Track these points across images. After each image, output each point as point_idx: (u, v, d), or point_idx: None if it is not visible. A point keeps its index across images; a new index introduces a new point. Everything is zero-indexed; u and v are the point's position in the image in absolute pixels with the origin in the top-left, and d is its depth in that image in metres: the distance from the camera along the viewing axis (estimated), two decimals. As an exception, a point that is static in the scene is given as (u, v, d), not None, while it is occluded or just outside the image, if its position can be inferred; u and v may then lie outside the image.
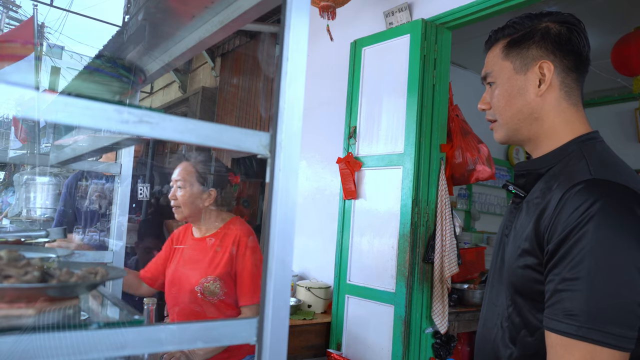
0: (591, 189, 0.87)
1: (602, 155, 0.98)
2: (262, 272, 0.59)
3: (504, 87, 1.07)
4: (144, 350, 0.51)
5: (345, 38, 3.23)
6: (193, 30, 0.93)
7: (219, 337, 0.56)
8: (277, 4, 0.69)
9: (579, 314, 0.82)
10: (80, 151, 0.82)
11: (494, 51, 1.10)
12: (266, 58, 4.78)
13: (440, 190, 2.65)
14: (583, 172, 0.91)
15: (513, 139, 1.10)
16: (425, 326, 2.59)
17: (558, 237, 0.87)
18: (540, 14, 1.07)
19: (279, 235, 0.59)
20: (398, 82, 2.77)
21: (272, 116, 0.62)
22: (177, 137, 0.55)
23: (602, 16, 3.75)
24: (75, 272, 0.57)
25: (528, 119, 1.05)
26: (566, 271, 0.85)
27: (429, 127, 2.69)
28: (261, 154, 0.61)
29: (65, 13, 5.02)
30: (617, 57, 3.52)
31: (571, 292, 0.83)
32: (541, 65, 1.03)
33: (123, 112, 0.51)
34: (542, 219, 0.92)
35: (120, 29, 1.01)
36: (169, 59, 1.05)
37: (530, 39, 1.04)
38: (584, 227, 0.83)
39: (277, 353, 0.57)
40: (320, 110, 3.54)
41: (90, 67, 0.63)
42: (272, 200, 0.59)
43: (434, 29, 2.74)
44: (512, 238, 1.04)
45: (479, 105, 1.15)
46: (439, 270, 2.55)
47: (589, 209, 0.84)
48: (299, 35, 0.62)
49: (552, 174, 1.00)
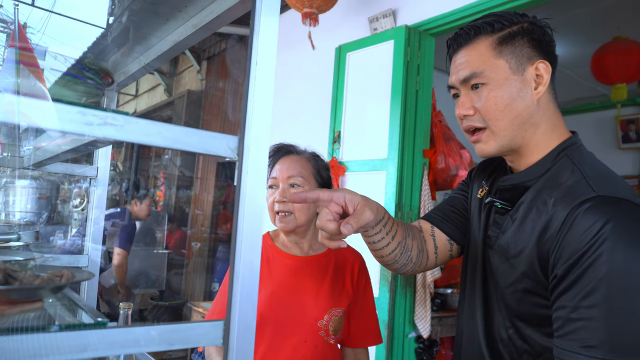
0: (599, 207, 0.81)
1: (593, 165, 0.92)
2: (229, 274, 0.59)
3: (500, 90, 0.94)
4: (106, 352, 0.51)
5: (330, 43, 3.25)
6: (168, 33, 0.93)
7: (185, 340, 0.56)
8: (248, 10, 0.70)
9: (599, 346, 0.76)
10: (52, 152, 0.82)
11: (477, 49, 0.97)
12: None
13: (423, 195, 2.67)
14: (584, 187, 0.85)
15: (505, 149, 0.98)
16: (408, 331, 2.60)
17: (568, 260, 0.81)
18: (521, 14, 0.99)
19: (246, 237, 0.59)
20: (382, 87, 2.79)
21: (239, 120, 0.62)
22: (143, 140, 0.55)
23: (582, 26, 3.82)
24: (40, 275, 0.57)
25: (525, 124, 0.96)
26: (579, 298, 0.78)
27: (412, 132, 2.70)
28: (229, 157, 0.61)
29: (48, 13, 4.94)
30: (596, 65, 3.59)
31: (587, 322, 0.77)
32: (538, 65, 0.95)
33: (87, 114, 0.51)
34: (543, 239, 0.86)
35: (104, 31, 1.01)
36: (147, 61, 1.05)
37: (522, 37, 0.96)
38: (597, 250, 0.78)
39: (243, 355, 0.57)
40: (305, 115, 3.55)
41: (62, 71, 0.63)
42: (239, 203, 0.59)
43: (418, 35, 2.77)
44: (499, 254, 0.98)
45: (458, 111, 1.00)
46: (421, 275, 2.56)
47: (600, 230, 0.78)
48: (268, 39, 0.63)
49: (541, 186, 0.94)
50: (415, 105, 2.73)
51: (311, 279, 1.48)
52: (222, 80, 5.40)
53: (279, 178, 1.48)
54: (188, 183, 5.91)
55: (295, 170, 1.47)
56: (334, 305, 1.44)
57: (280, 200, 1.45)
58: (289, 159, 1.51)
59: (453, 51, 1.03)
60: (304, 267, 1.49)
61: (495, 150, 0.98)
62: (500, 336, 0.97)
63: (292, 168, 1.48)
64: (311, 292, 1.45)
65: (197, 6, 0.79)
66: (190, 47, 5.18)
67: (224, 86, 5.36)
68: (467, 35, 0.99)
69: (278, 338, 1.40)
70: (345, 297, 1.48)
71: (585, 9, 3.54)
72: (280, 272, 1.48)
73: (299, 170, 1.48)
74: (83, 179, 3.21)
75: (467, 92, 0.99)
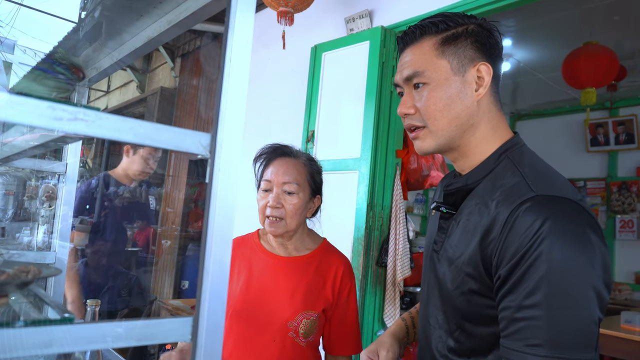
0: (538, 207, 0.82)
1: (533, 165, 0.93)
2: (199, 271, 0.59)
3: (440, 90, 0.96)
4: (73, 348, 0.51)
5: (306, 43, 3.26)
6: (142, 29, 0.92)
7: (153, 335, 0.56)
8: (223, 7, 0.70)
9: (542, 344, 0.78)
10: (20, 148, 0.80)
11: (421, 48, 0.99)
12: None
13: (395, 195, 2.70)
14: (523, 188, 0.87)
15: (443, 148, 1.00)
16: (377, 329, 2.63)
17: (509, 261, 0.82)
18: (469, 15, 1.00)
19: (216, 235, 0.59)
20: (357, 87, 2.81)
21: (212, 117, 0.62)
22: (115, 136, 0.55)
23: (555, 31, 3.92)
24: (5, 271, 0.56)
25: (464, 125, 0.97)
26: (522, 298, 0.80)
27: (386, 132, 2.73)
28: (201, 154, 0.61)
29: (18, 6, 4.81)
30: (567, 70, 3.68)
31: (530, 321, 0.79)
32: (479, 67, 0.96)
33: (57, 109, 0.51)
34: (486, 241, 0.87)
35: (75, 25, 1.00)
36: (119, 56, 1.04)
37: (466, 39, 0.97)
38: (536, 249, 0.79)
39: (211, 352, 0.58)
40: (279, 114, 3.55)
41: (32, 65, 0.62)
42: (211, 200, 0.59)
43: (393, 37, 2.80)
44: (445, 258, 0.99)
45: (400, 109, 1.02)
46: (391, 274, 2.59)
47: (539, 230, 0.80)
48: (243, 37, 0.63)
49: (483, 188, 0.95)
50: (389, 106, 2.76)
51: (289, 280, 1.47)
52: (195, 78, 5.35)
53: (274, 182, 1.46)
54: (159, 180, 5.83)
55: (291, 176, 1.46)
56: (307, 308, 1.43)
57: (273, 206, 1.44)
58: (285, 162, 1.49)
59: (400, 49, 1.04)
60: (284, 268, 1.49)
61: (432, 147, 1.00)
62: (446, 338, 0.99)
63: (288, 173, 1.46)
64: (286, 293, 1.44)
65: (172, 3, 0.78)
66: (164, 44, 5.12)
67: (197, 84, 5.31)
68: (413, 35, 1.00)
69: (248, 334, 1.42)
70: (322, 302, 1.46)
71: (558, 15, 3.64)
72: (261, 270, 1.49)
73: (294, 177, 1.46)
74: (51, 175, 3.12)
75: (409, 91, 1.01)
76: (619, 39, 3.85)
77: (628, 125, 5.09)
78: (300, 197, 1.46)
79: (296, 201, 1.45)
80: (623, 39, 3.84)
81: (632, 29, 3.70)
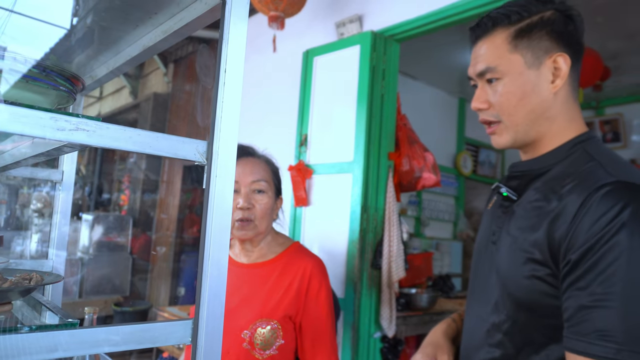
0: (618, 192, 0.77)
1: (610, 155, 0.89)
2: (198, 274, 0.61)
3: (515, 84, 0.93)
4: (77, 352, 0.52)
5: (297, 47, 3.28)
6: (138, 38, 0.94)
7: (154, 339, 0.57)
8: (217, 18, 0.72)
9: (616, 335, 0.71)
10: (18, 157, 0.82)
11: (494, 42, 0.95)
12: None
13: (388, 197, 2.72)
14: (601, 173, 0.82)
15: (519, 142, 0.98)
16: (373, 331, 2.65)
17: (582, 246, 0.77)
18: (546, 1, 0.95)
19: (214, 238, 0.61)
20: (348, 91, 2.84)
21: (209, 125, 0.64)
22: (114, 145, 0.57)
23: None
24: (8, 278, 0.58)
25: (540, 118, 0.94)
26: (595, 285, 0.74)
27: (378, 135, 2.76)
28: (198, 161, 0.63)
29: (7, 12, 4.81)
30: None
31: (603, 310, 0.73)
32: (556, 58, 0.92)
33: (59, 120, 0.52)
34: (555, 225, 0.82)
35: (67, 32, 1.01)
36: (115, 65, 1.05)
37: (541, 29, 0.92)
38: (614, 235, 0.74)
39: (211, 353, 0.59)
40: (272, 118, 3.57)
41: (28, 75, 0.63)
42: (208, 205, 0.61)
43: (383, 41, 2.83)
44: (507, 246, 0.93)
45: (473, 104, 0.99)
46: (386, 276, 2.61)
47: (619, 215, 0.74)
48: (237, 47, 0.65)
49: (553, 175, 0.91)
50: (380, 109, 2.78)
51: (247, 288, 1.40)
52: (188, 83, 5.36)
53: (241, 182, 1.41)
54: (153, 187, 5.83)
55: (259, 175, 1.42)
56: (263, 317, 1.34)
57: (244, 207, 1.39)
58: (249, 162, 1.46)
59: (473, 41, 1.01)
60: (244, 275, 1.44)
61: (509, 142, 0.98)
62: (494, 331, 0.94)
63: (255, 172, 1.42)
64: (242, 301, 1.37)
65: (167, 13, 0.80)
66: (156, 49, 5.12)
67: (190, 89, 5.32)
68: (485, 26, 0.97)
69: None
70: (283, 309, 1.36)
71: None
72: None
73: (262, 175, 1.42)
74: (44, 183, 3.10)
75: (483, 85, 0.99)
76: (603, 40, 3.90)
77: (614, 125, 5.15)
78: (269, 195, 1.43)
79: (266, 200, 1.42)
80: (606, 40, 3.89)
81: (615, 30, 3.75)
